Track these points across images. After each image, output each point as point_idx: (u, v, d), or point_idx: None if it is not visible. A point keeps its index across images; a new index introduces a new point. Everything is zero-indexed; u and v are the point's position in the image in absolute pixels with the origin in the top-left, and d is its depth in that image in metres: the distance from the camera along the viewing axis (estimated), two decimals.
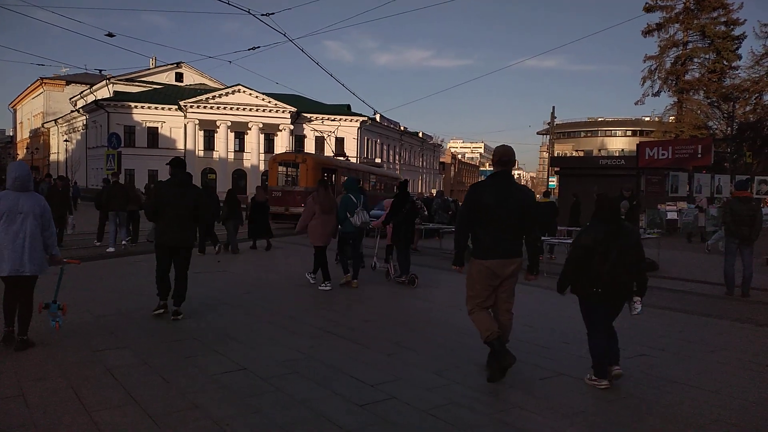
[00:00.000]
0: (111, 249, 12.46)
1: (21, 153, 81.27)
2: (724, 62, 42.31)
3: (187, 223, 6.51)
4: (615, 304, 4.65)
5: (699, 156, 8.75)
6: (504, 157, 4.73)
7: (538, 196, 16.76)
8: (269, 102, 50.64)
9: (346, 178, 11.80)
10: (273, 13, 15.86)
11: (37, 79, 71.58)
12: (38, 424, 3.54)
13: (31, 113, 79.14)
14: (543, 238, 12.39)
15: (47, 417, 3.64)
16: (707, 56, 43.24)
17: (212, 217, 12.97)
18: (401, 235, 9.48)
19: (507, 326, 4.81)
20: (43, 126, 72.45)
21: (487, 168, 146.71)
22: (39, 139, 75.16)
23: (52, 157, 69.83)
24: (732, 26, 42.32)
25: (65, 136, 63.45)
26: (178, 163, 6.71)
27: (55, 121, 67.47)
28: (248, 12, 15.67)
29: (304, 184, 22.05)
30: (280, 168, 23.78)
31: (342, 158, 31.47)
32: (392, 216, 9.57)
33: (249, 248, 13.90)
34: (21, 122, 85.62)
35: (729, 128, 41.35)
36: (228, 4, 14.52)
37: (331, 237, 9.05)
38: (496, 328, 4.59)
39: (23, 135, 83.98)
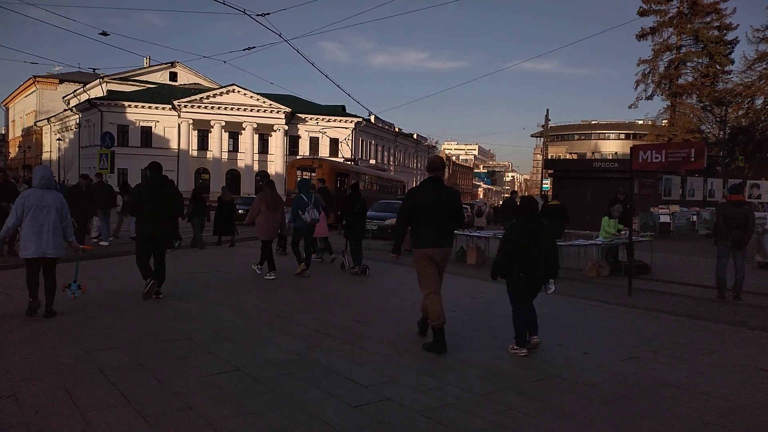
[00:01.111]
0: (105, 243, 13.33)
1: (13, 151, 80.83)
2: (717, 66, 42.63)
3: (163, 218, 7.47)
4: (535, 285, 5.65)
5: (692, 160, 8.78)
6: (433, 165, 5.88)
7: (513, 198, 16.78)
8: (264, 102, 50.57)
9: (354, 181, 12.73)
10: (268, 14, 15.87)
11: (30, 78, 71.23)
12: (30, 424, 3.52)
13: (23, 111, 78.70)
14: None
15: (40, 417, 3.62)
16: (700, 60, 43.58)
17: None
18: (354, 230, 10.63)
19: (439, 303, 5.62)
20: (35, 124, 72.07)
21: (482, 170, 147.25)
22: (31, 137, 74.75)
23: (45, 156, 69.44)
24: (725, 31, 42.66)
25: (58, 135, 63.12)
26: (156, 166, 7.70)
27: (48, 119, 67.11)
28: (243, 12, 15.67)
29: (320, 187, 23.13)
30: (299, 172, 25.25)
31: (352, 163, 33.39)
32: (345, 214, 10.70)
33: (215, 244, 14.68)
34: (13, 120, 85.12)
35: (721, 132, 41.68)
36: (223, 3, 14.51)
37: (275, 232, 10.09)
38: (444, 318, 5.50)
39: (15, 133, 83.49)
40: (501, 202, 18.67)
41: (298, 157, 33.71)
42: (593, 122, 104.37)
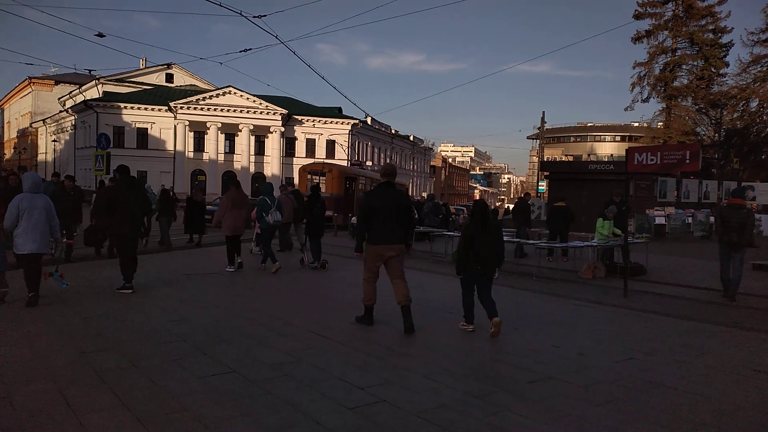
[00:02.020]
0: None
1: (8, 153, 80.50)
2: (712, 69, 42.85)
3: (135, 216, 8.17)
4: (488, 274, 6.48)
5: (687, 162, 8.82)
6: (387, 171, 6.59)
7: (525, 199, 16.90)
8: (260, 104, 50.50)
9: (363, 185, 13.77)
10: (265, 15, 15.86)
11: (26, 79, 71.01)
12: (24, 427, 3.50)
13: (19, 113, 78.41)
14: (554, 243, 13.27)
15: (33, 420, 3.60)
16: (695, 63, 43.80)
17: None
18: (314, 228, 11.57)
19: (402, 287, 6.46)
20: (31, 126, 71.78)
21: (477, 172, 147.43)
22: (27, 139, 74.45)
23: (40, 158, 69.20)
24: (720, 34, 42.88)
25: (53, 137, 62.86)
26: (125, 169, 8.52)
27: (44, 121, 66.87)
28: (240, 14, 15.66)
29: (329, 190, 24.48)
30: (309, 176, 26.29)
31: (359, 167, 35.85)
32: (306, 213, 11.75)
33: (186, 242, 15.23)
34: (8, 122, 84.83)
35: (717, 134, 41.89)
36: (220, 5, 14.51)
37: (241, 229, 10.80)
38: (374, 300, 6.59)
39: (11, 135, 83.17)
40: (513, 204, 18.76)
41: (308, 162, 34.77)
42: (589, 124, 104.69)
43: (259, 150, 52.68)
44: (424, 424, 3.80)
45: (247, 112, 50.32)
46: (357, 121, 55.68)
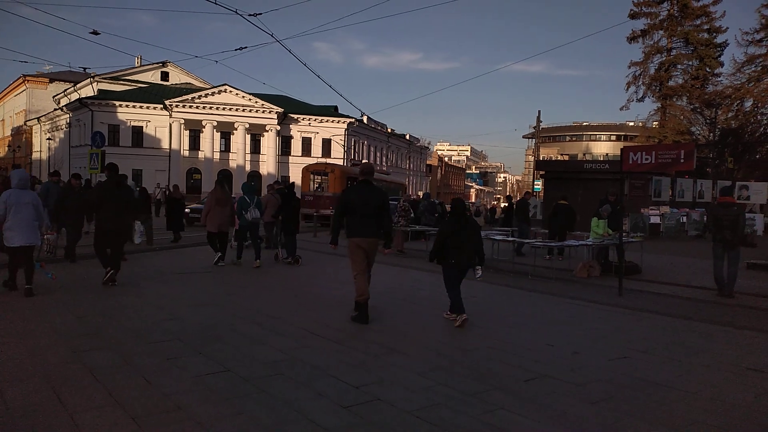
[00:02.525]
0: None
1: (2, 151, 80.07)
2: (707, 69, 42.92)
3: (122, 212, 8.43)
4: (463, 270, 6.87)
5: (682, 161, 8.84)
6: (365, 170, 7.04)
7: (526, 198, 16.95)
8: (256, 102, 50.42)
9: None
10: (260, 14, 15.82)
11: (20, 77, 70.60)
12: (17, 425, 3.49)
13: (13, 111, 77.99)
14: (550, 242, 13.42)
15: (27, 418, 3.58)
16: (690, 63, 43.87)
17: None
18: (288, 225, 12.10)
19: (365, 285, 6.76)
20: (25, 124, 71.45)
21: (474, 171, 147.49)
22: (21, 137, 74.10)
23: (35, 156, 68.90)
24: (715, 34, 42.97)
25: (48, 135, 62.58)
26: (114, 167, 8.81)
27: (38, 119, 66.57)
28: (236, 12, 15.61)
29: (332, 190, 25.21)
30: (312, 176, 26.91)
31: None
32: (282, 210, 12.21)
33: (170, 242, 15.32)
34: (2, 120, 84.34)
35: (711, 134, 42.01)
36: (215, 3, 14.45)
37: (226, 225, 11.38)
38: (367, 295, 6.65)
39: (5, 133, 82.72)
40: (515, 203, 18.90)
41: (311, 163, 35.33)
42: (584, 124, 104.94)
43: (255, 148, 52.61)
44: (419, 422, 3.80)
45: (243, 110, 50.22)
46: (353, 120, 55.65)
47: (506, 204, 29.85)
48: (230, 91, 49.86)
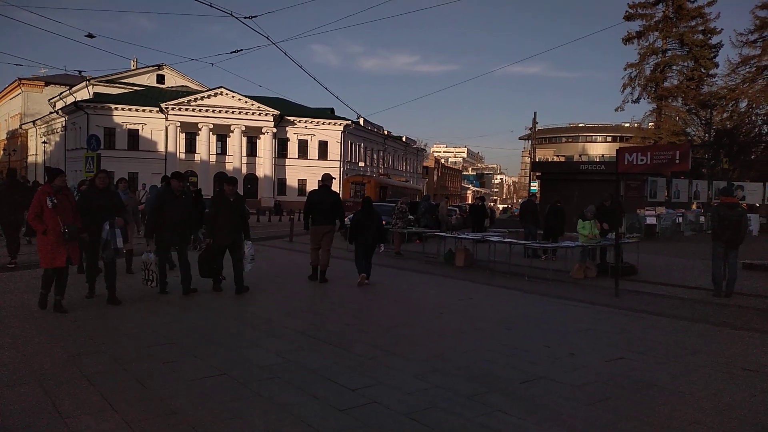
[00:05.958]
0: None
1: None
2: (702, 70, 43.11)
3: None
4: (370, 248, 9.73)
5: (677, 162, 8.86)
6: (324, 178, 10.12)
7: (532, 200, 16.91)
8: (252, 104, 50.32)
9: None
10: (256, 16, 15.81)
11: (15, 80, 70.35)
12: (11, 429, 3.46)
13: (8, 114, 77.72)
14: (546, 243, 13.54)
15: (21, 423, 3.56)
16: (686, 64, 44.06)
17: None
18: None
19: (325, 258, 9.66)
20: (20, 127, 71.16)
21: (470, 173, 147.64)
22: (16, 140, 73.81)
23: (30, 159, 68.61)
24: (709, 35, 43.16)
25: (44, 138, 62.31)
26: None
27: (34, 122, 66.31)
28: (231, 14, 15.59)
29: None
30: (352, 185, 33.32)
31: (385, 177, 44.19)
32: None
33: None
34: None
35: (706, 135, 42.15)
36: (211, 6, 14.43)
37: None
38: (316, 262, 9.71)
39: (0, 136, 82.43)
40: (519, 205, 19.04)
41: (351, 175, 41.37)
42: (580, 125, 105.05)
43: (251, 151, 52.49)
44: (415, 425, 3.78)
45: (239, 113, 50.13)
46: (349, 122, 55.59)
47: (474, 203, 26.79)
48: (226, 94, 49.75)
